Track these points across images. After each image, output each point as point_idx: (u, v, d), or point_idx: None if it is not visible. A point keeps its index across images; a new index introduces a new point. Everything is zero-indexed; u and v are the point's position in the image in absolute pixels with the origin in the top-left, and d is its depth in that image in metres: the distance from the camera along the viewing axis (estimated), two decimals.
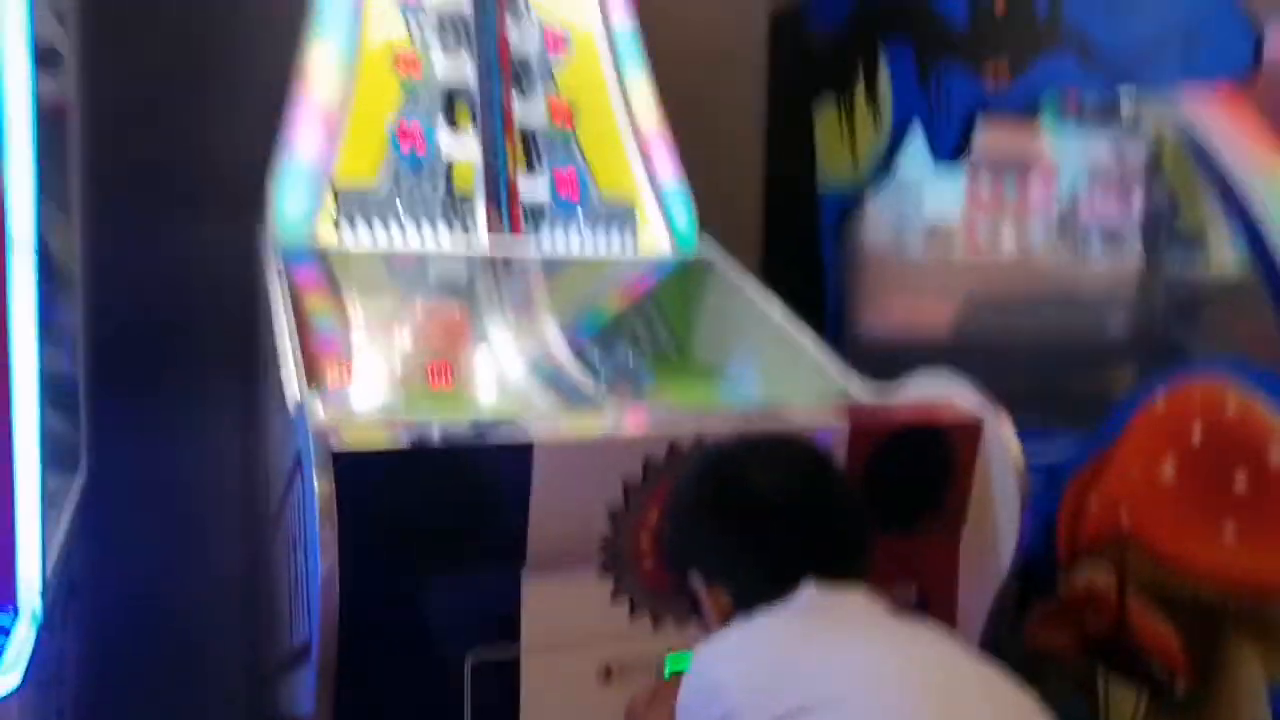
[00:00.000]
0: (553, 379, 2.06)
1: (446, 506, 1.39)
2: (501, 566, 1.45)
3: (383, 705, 1.41)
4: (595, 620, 1.51)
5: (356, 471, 1.32)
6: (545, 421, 1.67)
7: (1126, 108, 3.10)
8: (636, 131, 2.39)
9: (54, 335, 1.48)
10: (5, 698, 1.04)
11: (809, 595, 1.27)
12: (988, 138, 3.03)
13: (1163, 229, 3.22)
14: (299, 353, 1.61)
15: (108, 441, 1.80)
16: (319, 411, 1.37)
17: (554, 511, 1.44)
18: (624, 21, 2.41)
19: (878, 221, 2.97)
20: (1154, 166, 3.17)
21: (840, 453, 1.63)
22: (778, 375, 2.12)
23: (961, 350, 2.90)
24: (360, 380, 1.90)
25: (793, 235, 3.05)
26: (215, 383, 2.31)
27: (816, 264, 2.96)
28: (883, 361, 2.10)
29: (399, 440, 1.43)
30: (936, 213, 3.14)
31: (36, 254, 1.37)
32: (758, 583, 1.29)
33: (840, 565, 1.31)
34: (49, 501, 1.27)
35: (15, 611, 1.17)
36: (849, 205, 2.89)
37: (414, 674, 1.42)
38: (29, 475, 1.23)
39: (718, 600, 1.33)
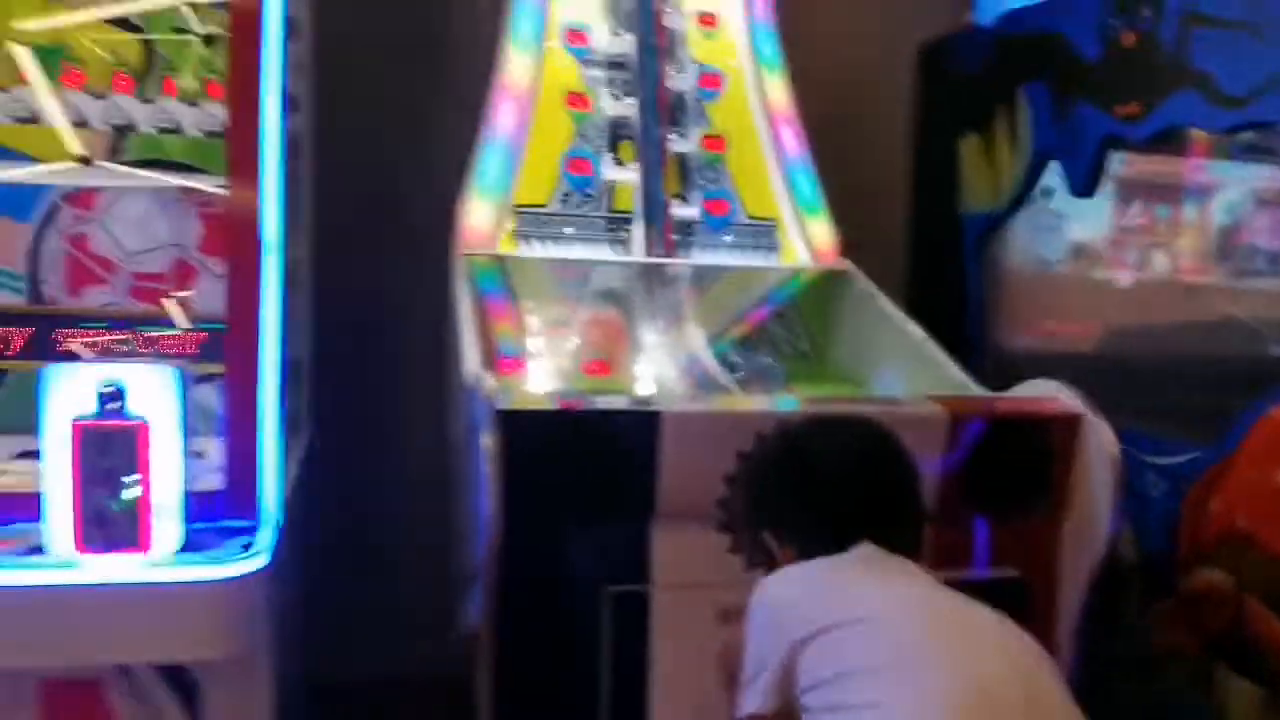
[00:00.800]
0: (696, 377, 2.32)
1: (590, 461, 1.67)
2: (635, 517, 1.71)
3: (538, 624, 1.69)
4: (714, 569, 1.74)
5: (517, 427, 1.61)
6: (677, 400, 1.93)
7: None
8: (783, 157, 2.64)
9: (289, 325, 1.80)
10: (256, 573, 1.38)
11: (863, 549, 1.44)
12: (1137, 165, 3.08)
13: None
14: (478, 339, 1.94)
15: (326, 410, 2.18)
16: (490, 382, 1.68)
17: (678, 473, 1.69)
18: (774, 55, 2.67)
19: (1019, 242, 3.08)
20: None
21: (940, 441, 1.79)
22: (905, 381, 2.28)
23: (1104, 367, 2.96)
24: (528, 370, 2.22)
25: (936, 254, 3.17)
26: (413, 367, 2.69)
27: (959, 282, 3.06)
28: (1022, 376, 2.13)
29: (553, 403, 1.74)
30: (1080, 235, 3.22)
31: (281, 260, 1.68)
32: (818, 542, 1.47)
33: (893, 535, 1.47)
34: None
35: (260, 521, 1.53)
36: (991, 226, 2.99)
37: (563, 600, 1.69)
38: (270, 430, 1.58)
39: (788, 558, 1.52)
